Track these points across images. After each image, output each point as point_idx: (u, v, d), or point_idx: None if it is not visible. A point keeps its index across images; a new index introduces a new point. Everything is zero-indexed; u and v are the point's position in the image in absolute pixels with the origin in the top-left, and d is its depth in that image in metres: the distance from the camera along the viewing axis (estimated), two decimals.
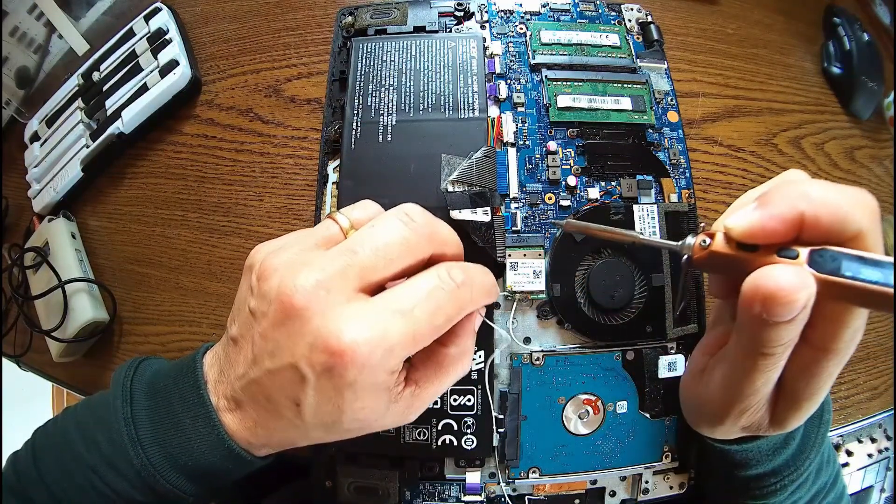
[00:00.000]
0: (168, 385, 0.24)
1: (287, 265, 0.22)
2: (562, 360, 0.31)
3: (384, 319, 0.21)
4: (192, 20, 0.43)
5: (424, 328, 0.21)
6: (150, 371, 0.26)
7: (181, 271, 0.39)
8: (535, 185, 0.33)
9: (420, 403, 0.24)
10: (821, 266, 0.19)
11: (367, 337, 0.20)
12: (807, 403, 0.23)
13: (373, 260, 0.22)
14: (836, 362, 0.22)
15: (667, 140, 0.35)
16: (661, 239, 0.24)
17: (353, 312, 0.20)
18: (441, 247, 0.23)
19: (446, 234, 0.24)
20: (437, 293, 0.22)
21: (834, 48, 0.43)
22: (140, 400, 0.25)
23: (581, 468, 0.32)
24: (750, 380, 0.22)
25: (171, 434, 0.23)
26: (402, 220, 0.22)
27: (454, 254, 0.24)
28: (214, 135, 0.39)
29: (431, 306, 0.22)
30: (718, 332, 0.27)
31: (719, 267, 0.22)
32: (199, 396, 0.23)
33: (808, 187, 0.20)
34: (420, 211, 0.23)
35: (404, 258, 0.22)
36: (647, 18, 0.38)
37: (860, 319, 0.21)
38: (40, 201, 0.42)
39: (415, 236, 0.22)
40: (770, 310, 0.19)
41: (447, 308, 0.22)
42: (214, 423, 0.23)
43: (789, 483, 0.28)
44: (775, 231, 0.20)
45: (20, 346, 0.42)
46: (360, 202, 0.26)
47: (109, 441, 0.24)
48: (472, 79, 0.34)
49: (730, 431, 0.26)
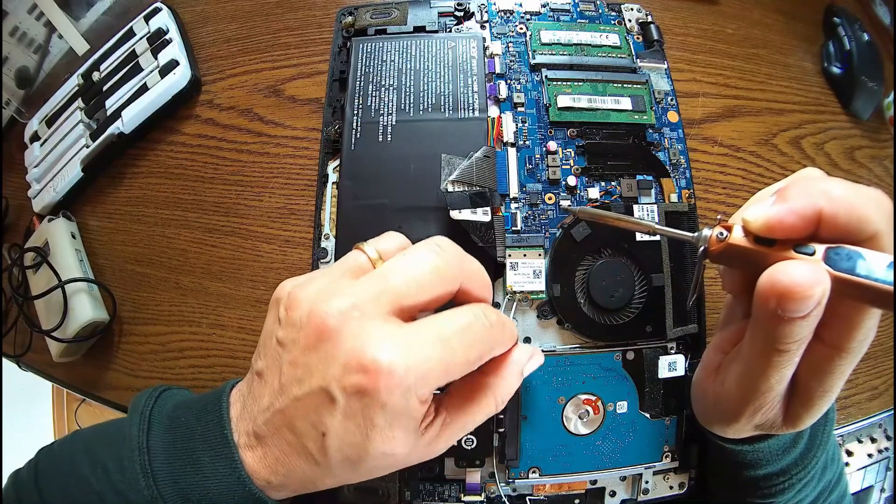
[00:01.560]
0: (190, 420, 0.24)
1: (317, 293, 0.22)
2: (562, 360, 0.31)
3: (420, 343, 0.21)
4: (192, 20, 0.43)
5: (459, 359, 0.21)
6: (173, 402, 0.25)
7: (181, 271, 0.39)
8: (535, 185, 0.33)
9: (449, 434, 0.23)
10: (836, 264, 0.19)
11: (402, 358, 0.20)
12: (820, 401, 0.23)
13: (405, 286, 0.22)
14: (849, 361, 0.22)
15: (667, 140, 0.35)
16: (677, 230, 0.24)
17: (388, 334, 0.20)
18: (470, 278, 0.24)
19: (475, 267, 0.24)
20: (474, 327, 0.22)
21: (834, 48, 0.43)
22: (158, 431, 0.24)
23: (581, 468, 0.32)
24: (764, 377, 0.22)
25: (187, 470, 0.22)
26: (434, 250, 0.23)
27: (481, 286, 0.24)
28: (214, 135, 0.39)
29: (468, 339, 0.22)
30: (732, 330, 0.27)
31: (735, 260, 0.22)
32: (222, 436, 0.22)
33: (829, 185, 0.20)
34: (450, 242, 0.24)
35: (435, 287, 0.22)
36: (647, 18, 0.38)
37: (873, 319, 0.21)
38: (40, 201, 0.42)
39: (445, 265, 0.23)
40: (785, 305, 0.19)
41: (482, 344, 0.22)
42: (235, 464, 0.22)
43: (797, 482, 0.29)
44: (793, 226, 0.20)
45: (20, 346, 0.42)
46: (386, 234, 0.26)
47: (120, 469, 0.23)
48: (472, 79, 0.34)
49: (743, 429, 0.26)
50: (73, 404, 1.10)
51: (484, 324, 0.22)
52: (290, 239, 0.37)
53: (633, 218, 0.25)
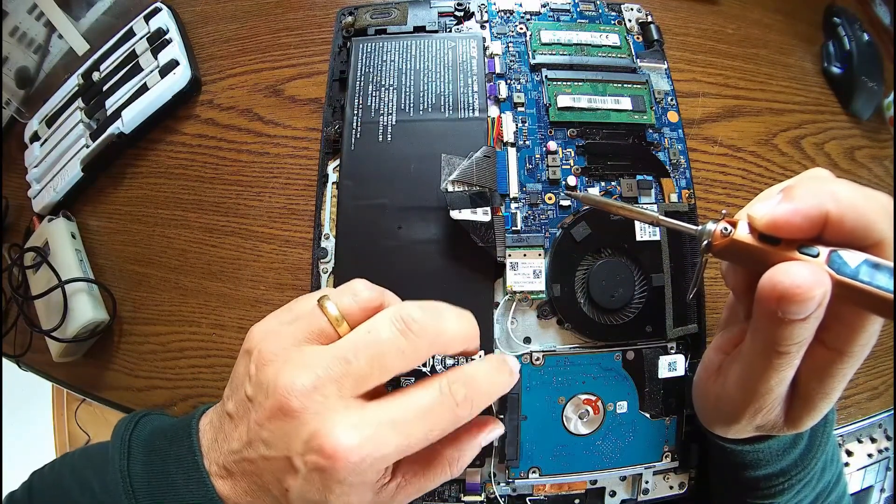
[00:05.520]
0: (164, 445, 0.25)
1: (283, 360, 0.22)
2: (562, 360, 0.31)
3: (378, 430, 0.21)
4: (192, 20, 0.43)
5: (418, 442, 0.22)
6: (150, 428, 0.27)
7: (181, 271, 0.39)
8: (535, 185, 0.33)
9: (405, 495, 0.24)
10: (839, 268, 0.19)
11: (360, 445, 0.21)
12: (821, 403, 0.23)
13: (368, 370, 0.22)
14: (850, 364, 0.22)
15: (667, 140, 0.35)
16: (681, 222, 0.24)
17: (348, 419, 0.21)
18: (445, 347, 0.23)
19: (451, 334, 0.23)
20: (435, 410, 0.22)
21: (834, 48, 0.43)
22: (137, 455, 0.25)
23: (581, 468, 0.32)
24: (765, 378, 0.22)
25: (165, 491, 0.24)
26: (399, 329, 0.22)
27: (459, 347, 0.24)
28: (214, 135, 0.39)
29: (428, 424, 0.22)
30: (733, 331, 0.27)
31: (738, 257, 0.22)
32: (193, 461, 0.24)
33: (837, 187, 0.20)
34: (419, 313, 0.22)
35: (400, 367, 0.22)
36: (647, 18, 0.38)
37: (876, 324, 0.20)
38: (40, 201, 0.42)
39: (411, 347, 0.22)
40: (785, 307, 0.19)
41: (444, 425, 0.22)
42: (207, 487, 0.23)
43: (796, 482, 0.29)
44: (799, 227, 0.20)
45: (20, 346, 0.42)
46: (349, 285, 0.25)
47: (105, 490, 0.24)
48: (472, 79, 0.34)
49: (744, 430, 0.26)
50: (73, 404, 1.09)
51: (449, 404, 0.22)
52: (290, 239, 0.37)
53: (636, 207, 0.25)
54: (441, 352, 0.23)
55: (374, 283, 0.25)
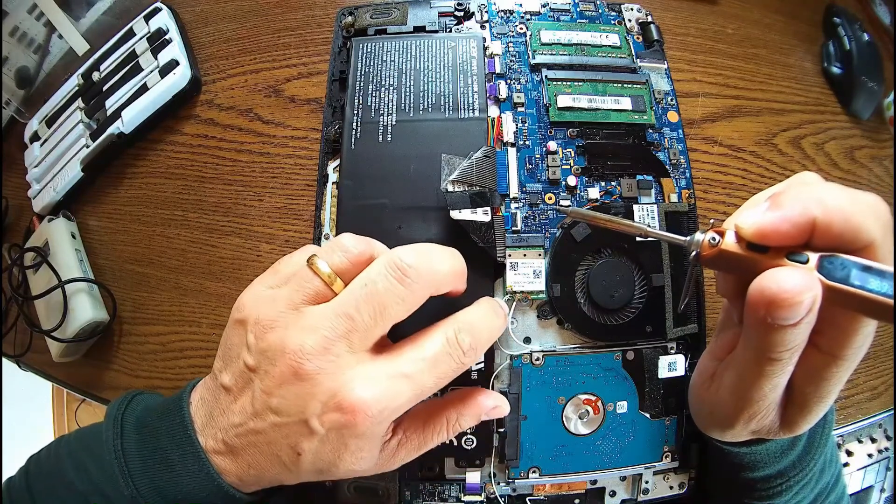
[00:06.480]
0: (155, 422, 0.25)
1: (284, 325, 0.22)
2: (562, 360, 0.31)
3: (392, 381, 0.22)
4: (192, 20, 0.43)
5: (428, 391, 0.23)
6: (142, 406, 0.27)
7: (181, 271, 0.39)
8: (535, 185, 0.33)
9: (404, 452, 0.25)
10: (830, 273, 0.19)
11: (377, 398, 0.21)
12: (816, 407, 0.23)
13: (371, 323, 0.22)
14: (845, 368, 0.22)
15: (667, 140, 0.35)
16: (670, 233, 0.24)
17: (363, 373, 0.22)
18: (440, 285, 0.24)
19: (444, 274, 0.24)
20: (443, 360, 0.23)
21: (834, 48, 0.43)
22: (130, 433, 0.25)
23: (581, 468, 0.32)
24: (757, 385, 0.22)
25: (159, 468, 0.24)
26: (395, 276, 0.22)
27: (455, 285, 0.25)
28: (214, 135, 0.39)
29: (437, 372, 0.23)
30: (726, 337, 0.27)
31: (727, 266, 0.22)
32: (186, 435, 0.24)
33: (824, 192, 0.20)
34: (412, 258, 0.23)
35: (401, 315, 0.23)
36: (647, 18, 0.38)
37: (870, 327, 0.20)
38: (40, 201, 0.42)
39: (410, 293, 0.23)
40: (774, 313, 0.19)
41: (451, 373, 0.23)
42: (203, 462, 0.23)
43: (794, 484, 0.29)
44: (786, 234, 0.19)
45: (20, 346, 0.42)
46: (336, 240, 0.25)
47: (101, 471, 0.24)
48: (472, 79, 0.34)
49: (740, 435, 0.26)
50: (73, 404, 1.10)
51: (456, 354, 0.23)
52: (290, 239, 0.37)
53: (625, 220, 0.25)
54: (436, 292, 0.24)
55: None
